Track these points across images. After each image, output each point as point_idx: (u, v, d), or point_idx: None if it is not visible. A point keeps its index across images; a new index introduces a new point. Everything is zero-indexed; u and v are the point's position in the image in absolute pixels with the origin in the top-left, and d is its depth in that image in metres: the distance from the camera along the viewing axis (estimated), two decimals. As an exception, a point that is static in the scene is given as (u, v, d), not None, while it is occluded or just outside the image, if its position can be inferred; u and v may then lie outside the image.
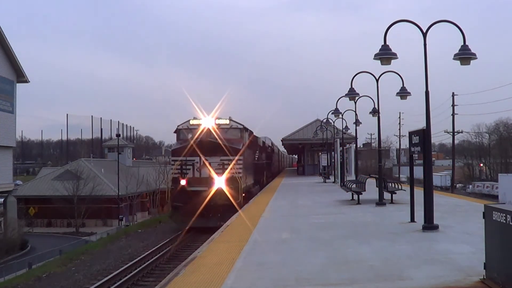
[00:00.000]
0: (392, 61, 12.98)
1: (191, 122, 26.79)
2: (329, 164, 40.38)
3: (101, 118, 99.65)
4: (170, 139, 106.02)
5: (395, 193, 17.92)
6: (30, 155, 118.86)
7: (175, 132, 27.92)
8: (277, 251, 9.41)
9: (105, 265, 21.13)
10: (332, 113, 30.35)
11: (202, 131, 25.47)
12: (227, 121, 27.28)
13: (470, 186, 68.26)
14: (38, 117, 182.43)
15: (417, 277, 7.14)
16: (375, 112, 22.77)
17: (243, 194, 25.64)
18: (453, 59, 12.09)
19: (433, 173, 14.60)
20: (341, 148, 32.92)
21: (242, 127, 27.96)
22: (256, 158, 35.65)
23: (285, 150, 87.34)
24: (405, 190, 17.15)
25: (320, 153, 46.27)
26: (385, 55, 12.73)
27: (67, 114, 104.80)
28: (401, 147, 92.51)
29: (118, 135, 61.41)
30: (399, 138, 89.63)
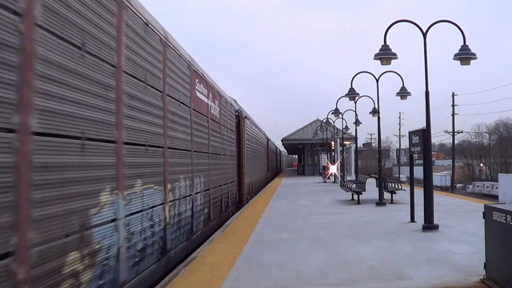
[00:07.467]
0: (392, 61, 13.01)
1: None
2: (328, 164, 40.43)
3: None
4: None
5: (395, 193, 17.94)
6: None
7: None
8: (277, 251, 9.40)
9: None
10: (332, 113, 30.43)
11: None
12: None
13: (470, 186, 68.26)
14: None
15: (417, 277, 7.14)
16: (375, 112, 22.82)
17: None
18: (453, 59, 12.12)
19: (433, 173, 14.62)
20: (341, 148, 32.98)
21: None
22: None
23: (285, 150, 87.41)
24: (405, 190, 17.17)
25: (321, 153, 46.28)
26: (385, 55, 12.77)
27: None
28: (401, 147, 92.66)
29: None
30: (399, 138, 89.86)
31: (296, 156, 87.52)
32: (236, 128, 18.75)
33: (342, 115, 31.18)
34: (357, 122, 28.71)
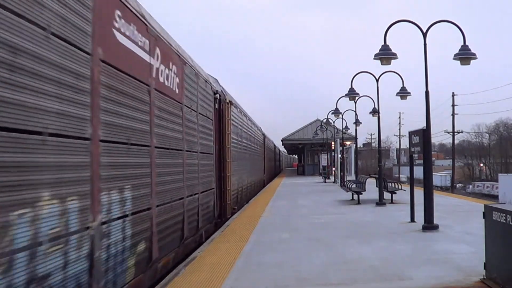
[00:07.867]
0: (392, 61, 13.02)
1: None
2: (329, 164, 40.44)
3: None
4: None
5: (395, 193, 17.95)
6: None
7: None
8: (277, 251, 9.41)
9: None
10: (332, 113, 30.45)
11: None
12: None
13: (470, 186, 68.30)
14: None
15: (417, 277, 7.14)
16: (375, 112, 22.84)
17: None
18: (453, 59, 12.13)
19: (433, 173, 14.62)
20: (341, 148, 33.00)
21: None
22: None
23: (285, 150, 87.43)
24: (405, 190, 17.17)
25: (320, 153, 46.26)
26: (385, 55, 12.78)
27: None
28: (401, 147, 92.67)
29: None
30: (399, 138, 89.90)
31: (296, 156, 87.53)
32: (216, 116, 13.44)
33: (342, 115, 31.21)
34: (357, 122, 28.71)
